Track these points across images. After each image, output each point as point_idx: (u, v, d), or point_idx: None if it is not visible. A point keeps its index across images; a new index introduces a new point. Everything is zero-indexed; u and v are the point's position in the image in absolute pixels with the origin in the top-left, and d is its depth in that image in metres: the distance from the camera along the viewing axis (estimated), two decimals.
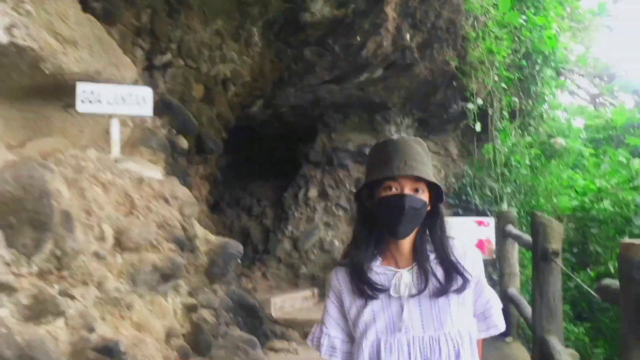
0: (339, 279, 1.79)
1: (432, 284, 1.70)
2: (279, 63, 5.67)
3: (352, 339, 1.79)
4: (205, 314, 3.16)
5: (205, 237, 3.32)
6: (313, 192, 8.85)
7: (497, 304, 1.85)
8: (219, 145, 5.15)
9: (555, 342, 4.23)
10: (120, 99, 3.17)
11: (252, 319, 5.78)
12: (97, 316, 2.30)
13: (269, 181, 9.55)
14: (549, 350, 4.17)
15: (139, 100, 3.28)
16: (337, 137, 8.91)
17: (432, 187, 1.72)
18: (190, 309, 3.04)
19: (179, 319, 2.91)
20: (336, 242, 8.40)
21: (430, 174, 1.68)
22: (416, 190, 1.67)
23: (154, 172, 3.18)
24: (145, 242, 2.64)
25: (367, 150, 8.76)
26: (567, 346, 4.86)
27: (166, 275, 2.71)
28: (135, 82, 3.56)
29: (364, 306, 1.74)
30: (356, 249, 1.76)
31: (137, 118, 3.64)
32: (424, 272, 1.71)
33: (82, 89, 2.99)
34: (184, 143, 4.36)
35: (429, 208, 1.73)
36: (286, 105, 7.79)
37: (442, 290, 1.70)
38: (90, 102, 3.03)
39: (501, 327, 1.85)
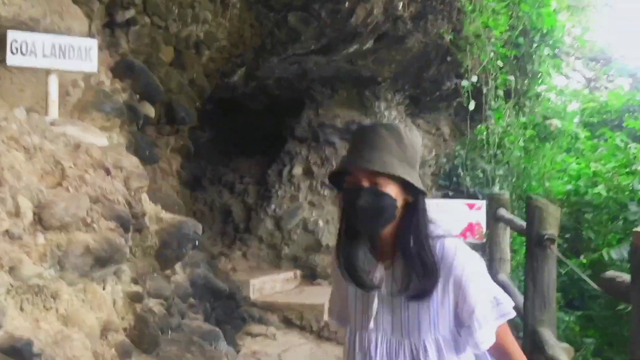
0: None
1: (405, 286, 1.59)
2: (260, 28, 5.23)
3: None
4: (153, 304, 2.76)
5: (156, 215, 2.92)
6: (298, 170, 8.49)
7: (484, 319, 1.57)
8: (192, 115, 4.73)
9: (548, 335, 4.00)
10: (60, 51, 2.76)
11: (228, 301, 5.45)
12: (11, 307, 1.93)
13: (253, 157, 9.18)
14: (541, 343, 3.93)
15: (81, 54, 2.85)
16: (324, 112, 8.53)
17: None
18: (133, 298, 2.65)
19: (119, 310, 2.51)
20: (320, 222, 8.07)
21: (396, 165, 1.52)
22: (377, 184, 1.54)
23: (99, 138, 2.77)
24: (74, 219, 2.22)
25: (355, 128, 8.45)
26: (558, 337, 4.62)
27: (102, 259, 2.31)
28: (88, 37, 3.13)
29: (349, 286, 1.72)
30: (343, 237, 1.68)
31: (92, 79, 3.23)
32: (400, 273, 1.60)
33: (14, 38, 2.58)
34: (149, 110, 3.94)
35: (411, 200, 1.59)
36: (271, 77, 7.40)
37: (415, 296, 1.58)
38: (22, 54, 2.62)
39: (483, 346, 1.58)
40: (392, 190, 1.54)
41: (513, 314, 1.63)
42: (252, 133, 9.16)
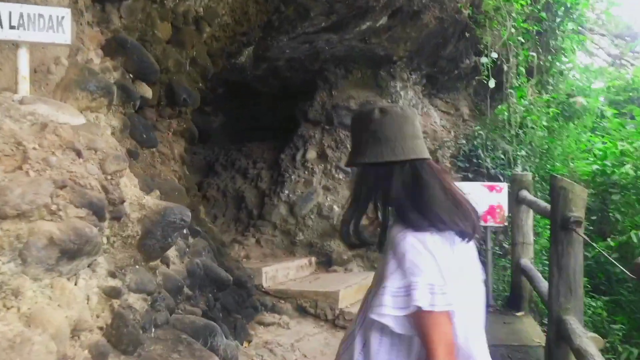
0: None
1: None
2: (265, 4, 4.97)
3: None
4: (134, 299, 2.52)
5: (138, 201, 2.68)
6: (311, 154, 8.25)
7: (381, 291, 1.56)
8: (195, 97, 4.49)
9: (575, 323, 3.72)
10: (28, 22, 2.54)
11: (239, 290, 5.26)
12: None
13: (266, 142, 8.97)
14: (567, 332, 3.66)
15: (53, 24, 2.62)
16: (338, 93, 8.25)
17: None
18: (110, 294, 2.40)
19: (93, 307, 2.26)
20: (336, 207, 7.82)
21: (345, 160, 1.81)
22: None
23: (76, 118, 2.54)
24: (34, 206, 1.99)
25: None
26: (585, 324, 4.36)
27: (70, 251, 2.07)
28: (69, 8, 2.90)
29: None
30: None
31: (79, 57, 3.02)
32: None
33: None
34: (146, 91, 3.72)
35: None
36: (281, 58, 7.15)
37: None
38: None
39: (369, 314, 1.59)
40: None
41: (422, 309, 1.48)
42: (265, 117, 8.95)
